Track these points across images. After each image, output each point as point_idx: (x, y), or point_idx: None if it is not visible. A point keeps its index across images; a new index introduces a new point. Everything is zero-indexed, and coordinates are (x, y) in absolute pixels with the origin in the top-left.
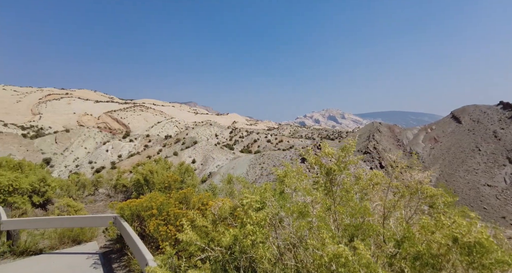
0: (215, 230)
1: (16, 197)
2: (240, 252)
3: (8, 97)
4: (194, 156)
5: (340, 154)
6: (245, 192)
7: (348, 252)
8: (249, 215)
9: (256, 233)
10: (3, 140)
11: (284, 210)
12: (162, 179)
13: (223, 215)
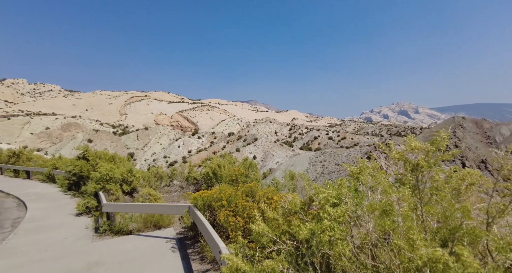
0: (285, 224)
1: (111, 185)
2: (317, 247)
3: (103, 101)
4: (254, 153)
5: (429, 149)
6: (318, 187)
7: (448, 258)
8: (325, 210)
9: (334, 229)
10: (100, 137)
11: (362, 207)
12: (230, 172)
13: (293, 209)
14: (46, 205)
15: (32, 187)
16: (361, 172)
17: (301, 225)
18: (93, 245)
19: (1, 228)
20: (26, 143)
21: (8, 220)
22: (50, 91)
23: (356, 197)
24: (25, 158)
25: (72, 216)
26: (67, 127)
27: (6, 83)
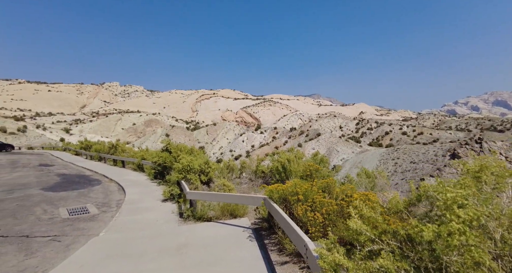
0: (385, 223)
1: (191, 175)
2: (442, 252)
3: (178, 99)
4: (317, 148)
5: None
6: (441, 184)
7: None
8: (454, 211)
9: (466, 233)
10: (175, 131)
11: (496, 211)
12: (304, 167)
13: (393, 208)
14: (139, 190)
15: (127, 175)
16: (483, 170)
17: (422, 226)
18: (180, 229)
19: (109, 207)
20: (119, 137)
21: (113, 201)
22: (136, 91)
23: (479, 199)
24: (120, 149)
25: (159, 202)
26: (149, 123)
27: (104, 87)
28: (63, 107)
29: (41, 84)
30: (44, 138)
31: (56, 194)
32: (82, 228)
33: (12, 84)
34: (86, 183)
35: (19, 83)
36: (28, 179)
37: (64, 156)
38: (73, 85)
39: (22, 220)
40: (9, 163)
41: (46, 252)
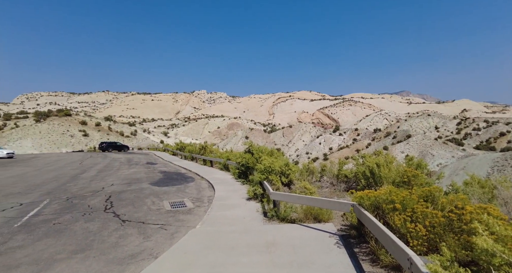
0: None
1: (273, 176)
2: None
3: (256, 103)
4: (407, 151)
5: None
6: None
7: None
8: None
9: None
10: (254, 134)
11: None
12: (397, 173)
13: None
14: (225, 188)
15: (215, 173)
16: None
17: None
18: (266, 227)
19: (202, 202)
20: (206, 139)
21: (205, 197)
22: (220, 98)
23: None
24: (209, 150)
25: (244, 200)
26: (231, 126)
27: (194, 94)
28: (162, 114)
29: (147, 94)
30: (149, 140)
31: (160, 188)
32: (182, 220)
33: (127, 96)
34: (182, 180)
35: (131, 95)
36: (140, 175)
37: (164, 156)
38: (170, 94)
39: (139, 209)
40: (126, 161)
41: (157, 237)
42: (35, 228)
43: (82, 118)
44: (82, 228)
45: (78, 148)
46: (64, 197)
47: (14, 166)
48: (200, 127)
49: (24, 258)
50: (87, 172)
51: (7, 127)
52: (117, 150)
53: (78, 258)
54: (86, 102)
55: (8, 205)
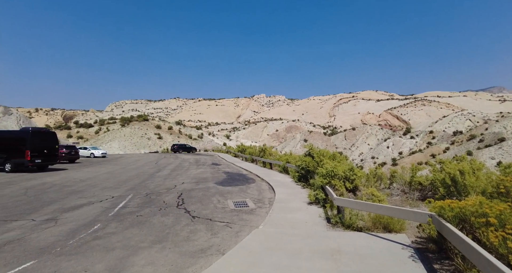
0: None
1: (336, 181)
2: None
3: (315, 105)
4: (499, 158)
5: None
6: None
7: None
8: None
9: None
10: (313, 137)
11: None
12: (488, 181)
13: None
14: (285, 191)
15: (274, 176)
16: None
17: None
18: (329, 234)
19: (263, 204)
20: (264, 141)
21: (266, 198)
22: (279, 101)
23: None
24: (268, 153)
25: (305, 204)
26: (289, 129)
27: (254, 98)
28: (225, 118)
29: (212, 100)
30: (213, 142)
31: (225, 188)
32: (245, 219)
33: (195, 102)
34: (244, 181)
35: (199, 101)
36: (206, 175)
37: (227, 157)
38: (232, 99)
39: (206, 206)
40: (194, 161)
41: (223, 234)
42: (124, 219)
43: (157, 123)
44: (159, 221)
45: (154, 149)
46: (144, 193)
47: (106, 164)
48: (259, 130)
49: (117, 243)
50: (162, 171)
51: (101, 131)
52: (187, 151)
53: (157, 248)
54: (160, 108)
55: (104, 197)
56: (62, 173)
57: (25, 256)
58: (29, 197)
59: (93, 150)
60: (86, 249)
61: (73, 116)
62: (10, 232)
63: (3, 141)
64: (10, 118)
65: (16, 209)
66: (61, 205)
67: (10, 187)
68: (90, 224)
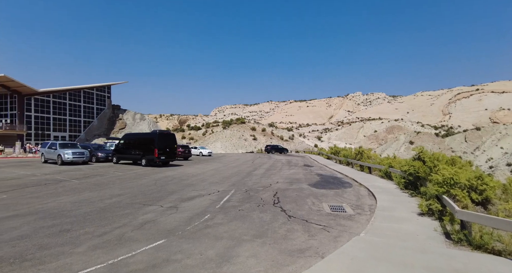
0: None
1: (457, 190)
2: None
3: (424, 102)
4: None
5: None
6: None
7: None
8: None
9: None
10: (421, 138)
11: None
12: None
13: None
14: (389, 198)
15: (374, 181)
16: None
17: None
18: (451, 252)
19: (363, 210)
20: (360, 143)
21: (366, 205)
22: (377, 98)
23: None
24: (366, 156)
25: (415, 214)
26: (390, 130)
27: (348, 97)
28: (316, 119)
29: (302, 101)
30: (304, 144)
31: (319, 190)
32: (343, 225)
33: (286, 104)
34: (339, 185)
35: (290, 103)
36: (299, 176)
37: (319, 159)
38: (324, 99)
39: (301, 207)
40: (287, 162)
41: (321, 237)
42: (228, 211)
43: (252, 125)
44: (258, 217)
45: (250, 150)
46: (244, 189)
47: (212, 162)
48: (354, 131)
49: (224, 233)
50: (258, 170)
51: (207, 133)
52: (279, 152)
53: (258, 242)
54: (255, 112)
55: (212, 191)
56: (179, 169)
57: (158, 235)
58: (158, 187)
59: (201, 150)
60: (200, 235)
61: (186, 120)
62: (147, 214)
63: (141, 141)
64: (144, 123)
65: (150, 196)
66: (180, 195)
67: (145, 178)
68: (202, 214)
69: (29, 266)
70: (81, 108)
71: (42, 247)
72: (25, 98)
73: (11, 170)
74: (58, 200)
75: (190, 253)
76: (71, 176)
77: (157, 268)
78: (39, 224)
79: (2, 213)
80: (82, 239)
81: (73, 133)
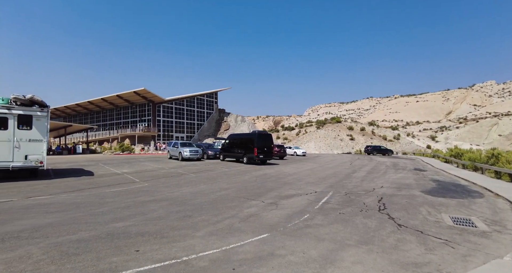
0: None
1: None
2: None
3: None
4: None
5: None
6: None
7: None
8: None
9: None
10: None
11: None
12: None
13: None
14: None
15: None
16: None
17: None
18: None
19: (504, 227)
20: (493, 144)
21: (507, 221)
22: None
23: None
24: (505, 159)
25: None
26: None
27: (474, 88)
28: (428, 115)
29: (411, 96)
30: (413, 145)
31: (435, 198)
32: (474, 242)
33: (390, 100)
34: (464, 193)
35: (394, 98)
36: (408, 181)
37: (433, 163)
38: (439, 92)
39: (413, 216)
40: (392, 165)
41: (443, 253)
42: (327, 213)
43: (349, 124)
44: (361, 222)
45: (346, 151)
46: (343, 192)
47: (306, 162)
48: (484, 129)
49: (325, 235)
50: (357, 172)
51: (300, 133)
52: (381, 153)
53: (363, 248)
54: (353, 110)
55: (309, 191)
56: (276, 167)
57: (262, 228)
58: (258, 183)
59: (295, 149)
60: (300, 234)
61: (280, 121)
62: (251, 208)
63: (242, 141)
64: (244, 124)
65: (252, 191)
66: (278, 193)
67: (246, 174)
68: (301, 213)
69: (166, 242)
70: (194, 113)
71: (173, 228)
72: (156, 105)
73: (148, 164)
74: (181, 190)
75: (293, 250)
76: (189, 170)
77: (263, 260)
78: (169, 209)
79: (146, 197)
80: (200, 225)
81: (189, 134)
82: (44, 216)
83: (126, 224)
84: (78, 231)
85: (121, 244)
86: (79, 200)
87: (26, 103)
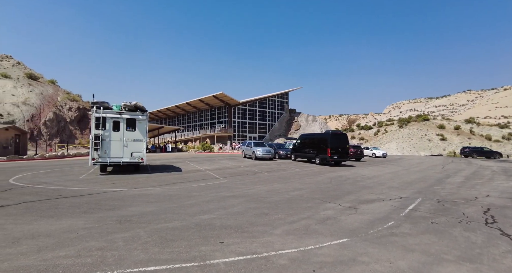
0: None
1: None
2: None
3: None
4: None
5: None
6: None
7: None
8: None
9: None
10: None
11: None
12: None
13: None
14: None
15: None
16: None
17: None
18: None
19: None
20: None
21: None
22: None
23: None
24: None
25: None
26: None
27: None
28: None
29: None
30: None
31: None
32: None
33: (496, 92)
34: None
35: (503, 90)
36: None
37: None
38: None
39: None
40: (502, 170)
41: None
42: (416, 222)
43: (439, 122)
44: (462, 235)
45: (436, 152)
46: (435, 199)
47: (388, 164)
48: None
49: (415, 245)
50: (452, 177)
51: (379, 132)
52: (484, 156)
53: (467, 266)
54: (444, 106)
55: (392, 196)
56: (352, 169)
57: (341, 232)
58: (333, 185)
59: (374, 150)
60: (385, 242)
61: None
62: (327, 210)
63: (314, 141)
64: (315, 124)
65: (327, 193)
66: (357, 197)
67: (320, 176)
68: (384, 220)
69: (247, 237)
70: (266, 113)
71: (252, 223)
72: (232, 108)
73: (226, 162)
74: (256, 188)
75: (377, 258)
76: (262, 169)
77: (345, 265)
78: (247, 205)
79: (226, 193)
80: (277, 223)
81: (261, 134)
82: (146, 205)
83: (211, 216)
84: (172, 220)
85: (207, 235)
86: (171, 192)
87: (131, 108)
